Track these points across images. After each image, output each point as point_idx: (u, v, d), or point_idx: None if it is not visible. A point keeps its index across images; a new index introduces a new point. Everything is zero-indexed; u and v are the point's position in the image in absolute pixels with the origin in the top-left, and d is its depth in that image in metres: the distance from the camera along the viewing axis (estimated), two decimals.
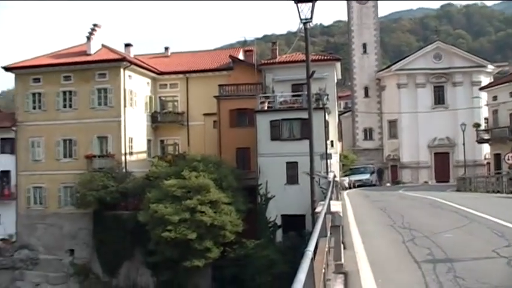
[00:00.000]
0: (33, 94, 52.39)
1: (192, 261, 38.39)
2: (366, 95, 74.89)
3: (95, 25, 54.00)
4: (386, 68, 76.99)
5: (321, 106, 42.24)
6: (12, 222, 52.75)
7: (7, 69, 53.72)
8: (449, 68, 70.62)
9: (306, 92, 39.34)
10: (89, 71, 50.94)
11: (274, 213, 42.41)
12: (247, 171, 45.48)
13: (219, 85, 50.58)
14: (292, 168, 41.98)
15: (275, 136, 42.70)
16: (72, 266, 49.39)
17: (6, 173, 53.48)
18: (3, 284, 50.24)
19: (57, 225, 51.01)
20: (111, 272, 46.15)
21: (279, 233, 42.24)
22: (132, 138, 51.09)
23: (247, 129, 46.11)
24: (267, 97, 46.36)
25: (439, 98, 71.17)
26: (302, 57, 49.13)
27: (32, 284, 49.89)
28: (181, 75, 55.86)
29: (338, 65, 53.68)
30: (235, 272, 39.28)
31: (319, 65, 44.99)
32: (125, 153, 49.85)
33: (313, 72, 22.39)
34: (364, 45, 75.56)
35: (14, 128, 52.91)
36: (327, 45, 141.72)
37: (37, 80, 52.42)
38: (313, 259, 7.17)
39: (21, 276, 50.39)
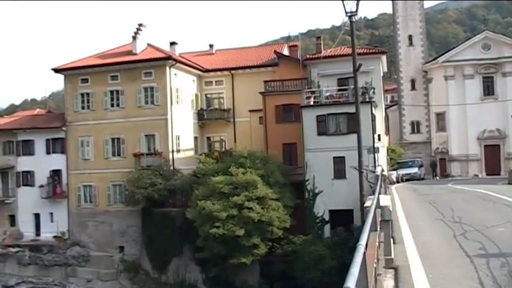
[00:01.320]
0: (82, 94, 53.30)
1: (239, 257, 38.54)
2: (413, 87, 73.83)
3: (140, 25, 54.58)
4: (433, 60, 75.66)
5: (367, 100, 41.80)
6: (65, 220, 53.89)
7: (56, 70, 54.76)
8: (499, 58, 68.97)
9: (352, 86, 39.19)
10: (135, 70, 51.54)
11: (321, 208, 42.21)
12: (294, 167, 45.38)
13: (265, 81, 50.58)
14: (339, 163, 41.72)
15: (322, 131, 42.45)
16: (122, 262, 50.12)
17: (58, 172, 54.63)
18: (56, 280, 51.39)
19: (107, 222, 51.86)
20: (160, 269, 46.64)
21: (327, 228, 42.00)
22: (179, 136, 51.49)
23: (293, 125, 46.00)
24: (313, 92, 46.11)
25: (488, 89, 69.59)
26: (347, 51, 48.87)
27: (84, 280, 50.82)
28: (226, 72, 56.04)
29: (384, 58, 53.12)
30: (283, 268, 39.26)
31: (365, 59, 44.57)
32: (172, 151, 50.28)
33: (360, 65, 22.24)
34: (410, 37, 74.45)
35: (64, 128, 54.02)
36: (372, 38, 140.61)
37: (85, 81, 53.32)
38: (365, 253, 7.14)
39: (73, 272, 51.43)
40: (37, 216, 55.88)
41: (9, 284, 52.10)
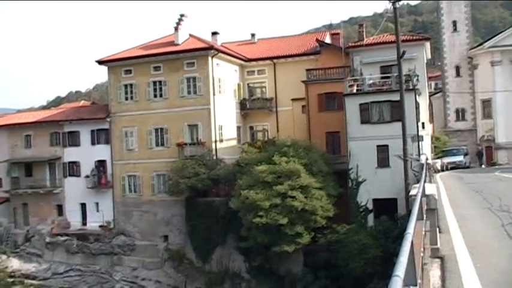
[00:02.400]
0: (125, 85, 53.89)
1: (282, 246, 38.52)
2: (457, 74, 72.60)
3: (182, 15, 54.81)
4: (479, 45, 74.20)
5: (411, 87, 41.27)
6: (110, 209, 54.74)
7: (100, 62, 55.46)
8: None
9: (395, 74, 38.72)
10: (177, 61, 51.82)
11: (365, 197, 41.91)
12: (337, 156, 45.17)
13: (307, 69, 50.32)
14: (382, 152, 41.34)
15: (365, 119, 42.08)
16: (167, 251, 50.64)
17: (103, 162, 55.47)
18: (103, 268, 52.25)
19: (151, 212, 52.47)
20: (204, 258, 46.96)
21: (371, 218, 41.71)
22: (221, 126, 51.67)
23: (336, 113, 45.71)
24: (356, 80, 45.75)
25: None
26: (390, 38, 48.32)
27: (130, 268, 51.56)
28: (268, 61, 55.94)
29: (427, 44, 52.36)
30: (327, 257, 39.10)
31: (408, 46, 44.00)
32: (215, 141, 50.48)
33: (404, 52, 21.93)
34: (454, 23, 73.13)
35: (108, 119, 54.77)
36: (415, 24, 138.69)
37: (128, 72, 53.86)
38: (412, 242, 7.06)
39: (119, 261, 52.22)
40: (83, 205, 56.92)
41: (59, 271, 53.26)
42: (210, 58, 50.94)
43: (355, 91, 44.21)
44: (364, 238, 37.87)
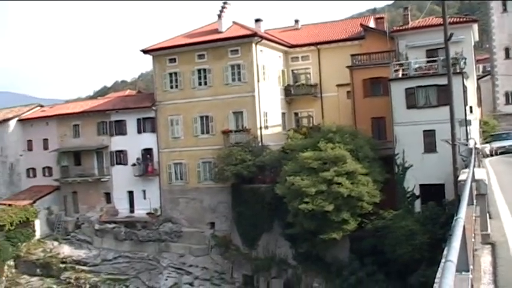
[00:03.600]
0: (170, 74, 54.25)
1: (329, 233, 38.40)
2: (507, 56, 70.88)
3: (225, 3, 54.78)
4: None
5: (458, 71, 40.52)
6: (157, 197, 55.40)
7: (145, 52, 55.92)
8: None
9: (442, 57, 38.01)
10: (221, 48, 51.91)
11: (412, 182, 41.42)
12: (383, 141, 44.69)
13: (351, 55, 49.83)
14: (429, 136, 40.73)
15: (411, 104, 41.51)
16: (213, 238, 51.02)
17: (149, 150, 56.09)
18: (151, 255, 52.94)
19: (197, 199, 52.87)
20: (251, 244, 47.15)
21: (417, 203, 41.22)
22: (266, 112, 51.66)
23: (381, 98, 45.19)
24: (401, 64, 45.10)
25: None
26: (436, 21, 47.46)
27: (177, 255, 52.10)
28: (312, 47, 55.59)
29: (475, 26, 51.22)
30: (373, 244, 38.84)
31: (455, 28, 43.05)
32: (260, 127, 50.52)
33: (451, 34, 21.43)
34: (504, 3, 71.22)
35: (154, 108, 55.28)
36: (462, 6, 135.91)
37: (173, 60, 54.19)
38: (464, 227, 6.94)
39: (166, 247, 52.82)
40: (131, 193, 57.73)
41: (108, 258, 54.20)
42: (253, 45, 50.89)
43: (400, 76, 43.62)
44: (411, 224, 37.50)
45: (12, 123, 67.18)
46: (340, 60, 51.04)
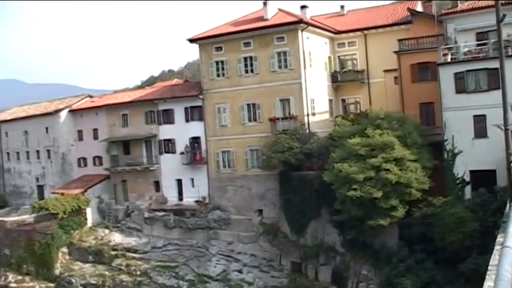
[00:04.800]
0: (217, 62, 54.51)
1: (377, 220, 38.12)
2: None
3: None
4: None
5: (510, 54, 39.53)
6: (205, 185, 55.88)
7: (192, 40, 56.24)
8: None
9: (493, 40, 37.14)
10: (267, 36, 51.88)
11: (461, 169, 40.68)
12: (431, 127, 43.98)
13: (398, 40, 49.09)
14: (479, 122, 39.85)
15: (460, 89, 40.69)
16: (262, 225, 51.23)
17: (197, 139, 56.57)
18: (200, 243, 53.43)
19: (245, 187, 53.14)
20: (299, 231, 47.17)
21: (468, 190, 40.45)
22: (313, 99, 51.48)
23: (430, 84, 44.46)
24: (450, 48, 44.22)
25: None
26: (487, 2, 46.26)
27: (225, 242, 52.44)
28: (359, 33, 55.09)
29: None
30: (422, 231, 38.36)
31: (508, 9, 41.95)
32: (307, 114, 50.39)
33: (504, 16, 20.84)
34: None
35: (201, 96, 55.66)
36: None
37: (219, 49, 54.42)
38: None
39: (215, 235, 53.23)
40: (179, 181, 58.35)
41: (157, 245, 54.92)
42: (299, 32, 50.71)
43: (449, 60, 42.78)
44: (461, 211, 36.87)
45: (63, 114, 68.67)
46: (387, 45, 50.41)
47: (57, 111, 69.11)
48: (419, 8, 55.66)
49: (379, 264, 40.27)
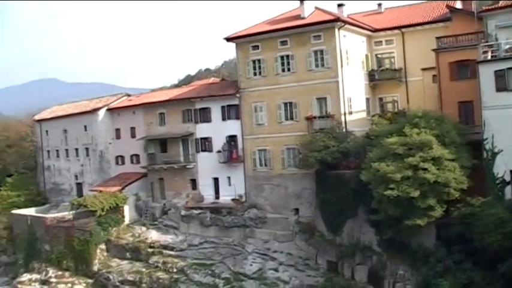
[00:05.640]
0: (253, 61, 54.66)
1: (414, 219, 37.75)
2: None
3: None
4: None
5: None
6: (241, 183, 56.11)
7: (228, 39, 56.48)
8: None
9: None
10: (304, 34, 51.79)
11: (501, 168, 39.94)
12: (470, 126, 43.31)
13: (437, 37, 48.42)
14: None
15: (501, 87, 39.93)
16: (298, 224, 51.23)
17: (233, 137, 56.81)
18: (236, 241, 53.67)
19: (282, 185, 53.18)
20: (335, 230, 46.99)
21: (508, 190, 39.65)
22: (350, 98, 51.20)
23: (469, 82, 43.78)
24: (490, 46, 43.49)
25: None
26: None
27: (261, 241, 52.60)
28: (396, 31, 54.55)
29: None
30: (460, 231, 37.83)
31: None
32: (344, 113, 50.17)
33: None
34: None
35: (237, 95, 55.89)
36: None
37: (256, 48, 54.55)
38: None
39: (251, 233, 53.42)
40: (216, 180, 58.65)
41: (194, 243, 55.30)
42: (336, 30, 50.50)
43: (489, 57, 42.12)
44: (500, 211, 36.28)
45: (102, 113, 69.63)
46: (425, 43, 49.83)
47: (96, 109, 70.07)
48: (458, 5, 54.91)
49: (416, 264, 39.88)
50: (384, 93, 55.59)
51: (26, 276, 60.16)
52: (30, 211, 70.36)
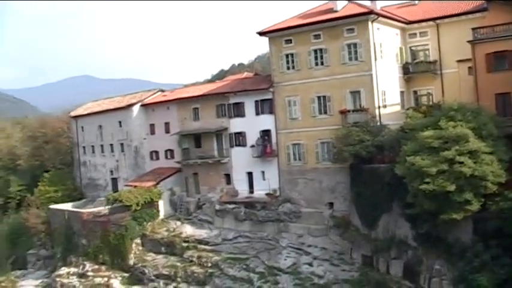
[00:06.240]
0: (287, 55, 54.56)
1: (450, 213, 37.28)
2: None
3: None
4: None
5: None
6: (275, 177, 56.12)
7: (261, 34, 56.46)
8: None
9: None
10: (337, 28, 51.50)
11: None
12: (508, 118, 42.67)
13: (473, 28, 47.72)
14: None
15: None
16: (332, 218, 51.08)
17: (267, 132, 56.80)
18: (270, 235, 53.74)
19: (316, 179, 53.06)
20: (370, 225, 46.71)
21: None
22: (384, 91, 50.80)
23: (507, 73, 43.10)
24: None
25: None
26: None
27: (296, 235, 52.59)
28: (431, 23, 53.83)
29: None
30: (498, 226, 37.15)
31: None
32: (378, 107, 49.83)
33: None
34: None
35: (271, 89, 55.86)
36: None
37: (289, 42, 54.44)
38: None
39: (285, 228, 53.42)
40: (250, 174, 58.78)
41: (228, 238, 55.52)
42: (370, 23, 50.12)
43: None
44: None
45: (136, 108, 70.21)
46: (460, 34, 49.21)
47: (130, 105, 70.70)
48: None
49: (452, 259, 39.36)
50: (418, 86, 54.96)
51: (64, 270, 61.26)
52: (67, 206, 71.53)
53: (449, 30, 52.58)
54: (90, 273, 58.43)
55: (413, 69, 54.22)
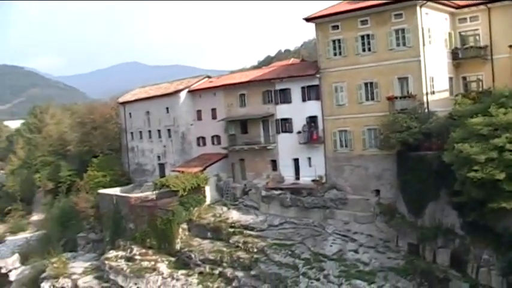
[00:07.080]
0: (333, 41, 54.11)
1: (499, 202, 36.53)
2: None
3: None
4: None
5: None
6: (321, 164, 55.97)
7: (308, 20, 56.13)
8: None
9: None
10: (384, 13, 50.82)
11: None
12: None
13: None
14: None
15: None
16: (378, 205, 50.74)
17: (314, 118, 56.62)
18: (315, 222, 53.70)
19: (362, 166, 52.73)
20: (416, 212, 46.22)
21: None
22: (432, 77, 50.00)
23: None
24: None
25: None
26: None
27: (341, 222, 52.41)
28: (482, 7, 52.47)
29: None
30: None
31: None
32: (426, 93, 49.08)
33: None
34: None
35: (317, 75, 55.58)
36: None
37: (336, 27, 53.98)
38: None
39: (331, 214, 53.29)
40: (296, 161, 58.76)
41: (274, 224, 55.64)
42: (418, 8, 49.29)
43: None
44: None
45: (183, 95, 70.81)
46: None
47: (177, 91, 71.32)
48: None
49: (501, 249, 38.65)
50: (467, 72, 53.86)
51: (112, 253, 62.45)
52: (115, 191, 72.88)
53: (502, 14, 51.27)
54: (137, 257, 59.38)
55: (463, 55, 53.16)
